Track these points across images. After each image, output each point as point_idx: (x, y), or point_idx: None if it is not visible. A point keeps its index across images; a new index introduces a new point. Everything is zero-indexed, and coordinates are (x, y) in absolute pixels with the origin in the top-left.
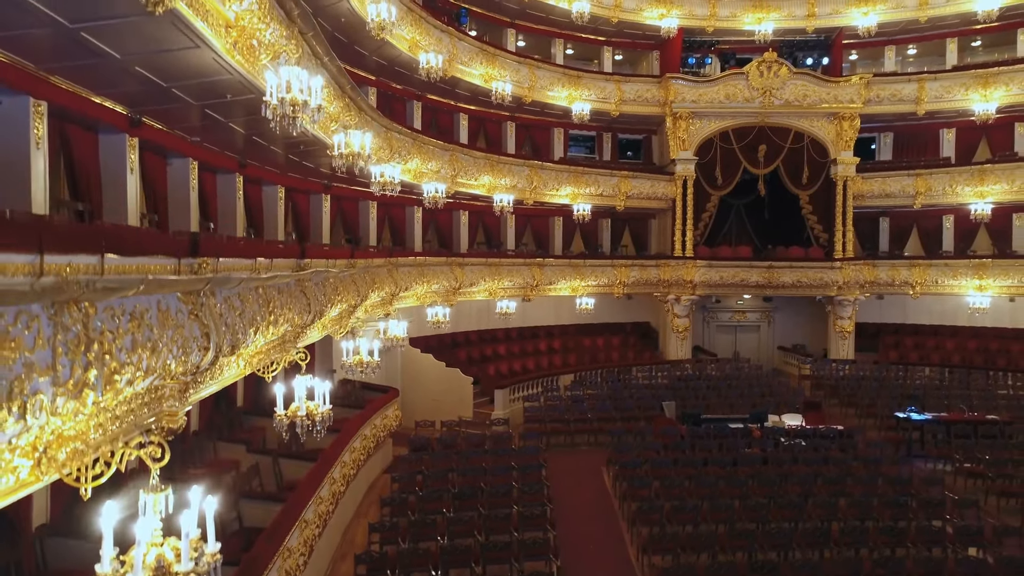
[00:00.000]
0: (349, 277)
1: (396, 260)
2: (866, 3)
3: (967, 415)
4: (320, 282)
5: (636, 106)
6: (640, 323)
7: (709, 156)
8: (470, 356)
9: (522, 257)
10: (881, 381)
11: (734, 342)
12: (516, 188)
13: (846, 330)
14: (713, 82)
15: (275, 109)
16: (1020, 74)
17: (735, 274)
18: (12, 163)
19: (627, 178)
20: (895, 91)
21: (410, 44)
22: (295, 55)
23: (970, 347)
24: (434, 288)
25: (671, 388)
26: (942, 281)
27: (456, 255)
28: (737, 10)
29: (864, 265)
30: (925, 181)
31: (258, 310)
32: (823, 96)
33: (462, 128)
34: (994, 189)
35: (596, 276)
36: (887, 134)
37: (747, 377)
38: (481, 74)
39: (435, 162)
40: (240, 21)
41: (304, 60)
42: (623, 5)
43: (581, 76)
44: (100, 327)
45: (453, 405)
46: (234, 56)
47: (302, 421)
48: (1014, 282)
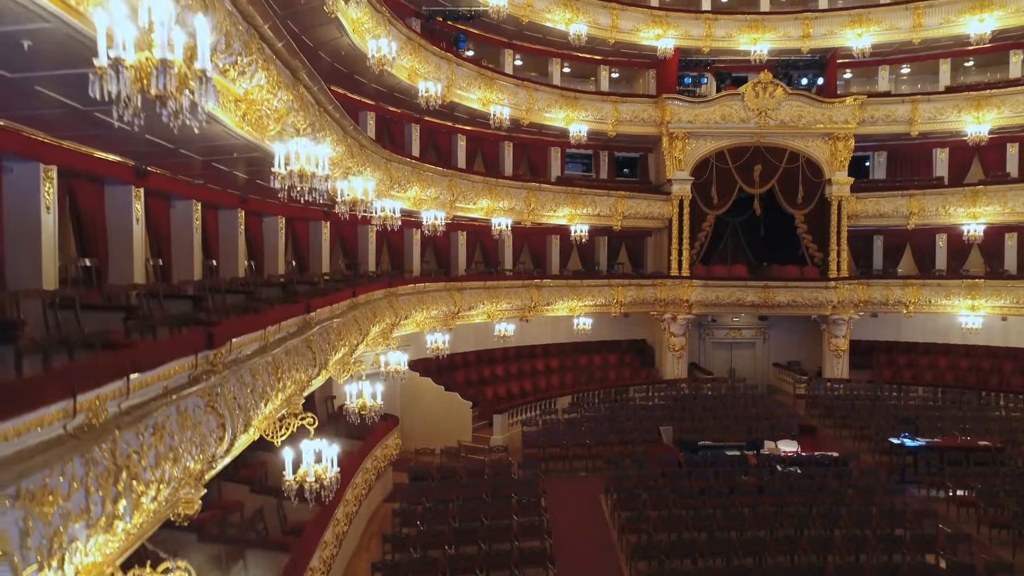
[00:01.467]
0: (352, 318)
1: (396, 290)
2: (860, 24)
3: (960, 441)
4: (324, 331)
5: (633, 126)
6: (636, 340)
7: (705, 176)
8: (468, 378)
9: (520, 279)
10: (875, 401)
11: (729, 358)
12: (514, 211)
13: (840, 348)
14: (709, 102)
15: (283, 179)
16: (1012, 97)
17: (731, 294)
18: (23, 226)
19: (624, 198)
20: (889, 112)
21: (409, 72)
22: (301, 115)
23: (963, 366)
24: (433, 314)
25: (668, 409)
26: (935, 300)
27: (454, 279)
28: (733, 31)
29: (858, 284)
30: (919, 202)
31: (268, 379)
32: (818, 117)
33: (460, 149)
34: (987, 211)
35: (593, 296)
36: (881, 153)
37: (742, 398)
38: (479, 98)
39: (434, 188)
40: (249, 95)
41: (310, 112)
42: (620, 26)
43: (578, 97)
44: (127, 450)
45: (452, 429)
46: (243, 128)
47: (310, 486)
48: (1006, 302)
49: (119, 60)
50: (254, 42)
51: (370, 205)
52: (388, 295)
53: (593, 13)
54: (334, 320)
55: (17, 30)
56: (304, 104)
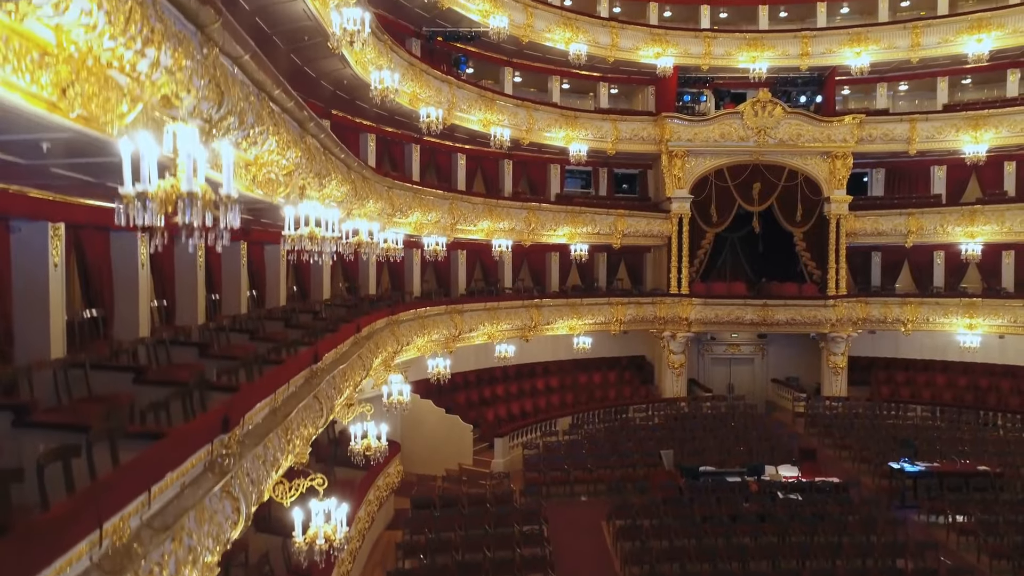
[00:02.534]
0: (356, 355)
1: (397, 317)
2: (859, 43)
3: (959, 465)
4: (331, 378)
5: (632, 144)
6: (636, 357)
7: (704, 194)
8: (469, 399)
9: (520, 299)
10: (874, 420)
11: (728, 374)
12: (514, 231)
13: (839, 366)
14: (708, 121)
15: (293, 240)
16: (1009, 117)
17: (730, 312)
18: (31, 284)
19: (623, 217)
20: (887, 131)
21: (411, 98)
22: (307, 165)
23: (961, 383)
24: (434, 338)
25: (668, 429)
26: (933, 319)
27: (455, 302)
28: (732, 49)
29: (857, 302)
30: (917, 220)
31: (279, 444)
32: (817, 135)
33: (460, 168)
34: (984, 230)
35: (593, 315)
36: (879, 170)
37: (742, 417)
38: (480, 119)
39: (435, 212)
40: (259, 159)
41: (316, 160)
42: (619, 45)
43: (578, 116)
44: (149, 568)
45: (453, 451)
46: (254, 191)
47: (320, 548)
48: (1004, 321)
49: (145, 194)
50: (265, 109)
51: (375, 245)
52: (390, 323)
53: (593, 32)
54: (339, 366)
55: (38, 138)
56: (311, 153)
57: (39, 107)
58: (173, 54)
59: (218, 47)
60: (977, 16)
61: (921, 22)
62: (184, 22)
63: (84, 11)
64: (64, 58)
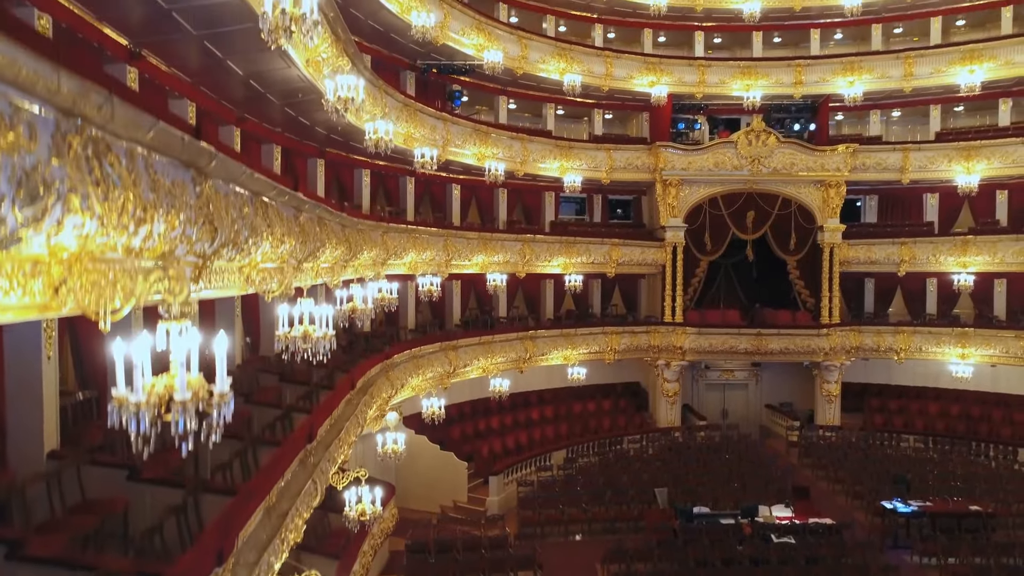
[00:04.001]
0: (350, 415)
1: (392, 361)
2: (852, 72)
3: (951, 505)
4: (327, 452)
5: (626, 173)
6: (630, 383)
7: (698, 222)
8: (464, 432)
9: (514, 330)
10: (867, 451)
11: (722, 399)
12: (509, 263)
13: (832, 393)
14: (702, 150)
15: (285, 338)
16: (1001, 148)
17: (724, 341)
18: (24, 377)
19: (618, 246)
20: (880, 160)
21: (405, 137)
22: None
23: (953, 412)
24: (429, 376)
25: (662, 460)
26: (926, 348)
27: (449, 337)
28: (726, 77)
29: (850, 331)
30: (910, 250)
31: (274, 548)
32: (810, 164)
33: (454, 199)
34: (976, 260)
35: (587, 344)
36: (872, 196)
37: (736, 450)
38: (474, 153)
39: (430, 251)
40: (253, 262)
41: (310, 237)
42: (614, 74)
43: (572, 146)
44: None
45: (448, 488)
46: (247, 289)
47: None
48: (996, 351)
49: (140, 405)
50: (259, 213)
51: (369, 312)
52: (384, 368)
53: (587, 62)
54: (335, 437)
55: None
56: (305, 232)
57: (30, 315)
58: (167, 217)
59: (210, 179)
60: (969, 47)
61: (914, 52)
62: (180, 169)
63: (76, 226)
64: (56, 261)
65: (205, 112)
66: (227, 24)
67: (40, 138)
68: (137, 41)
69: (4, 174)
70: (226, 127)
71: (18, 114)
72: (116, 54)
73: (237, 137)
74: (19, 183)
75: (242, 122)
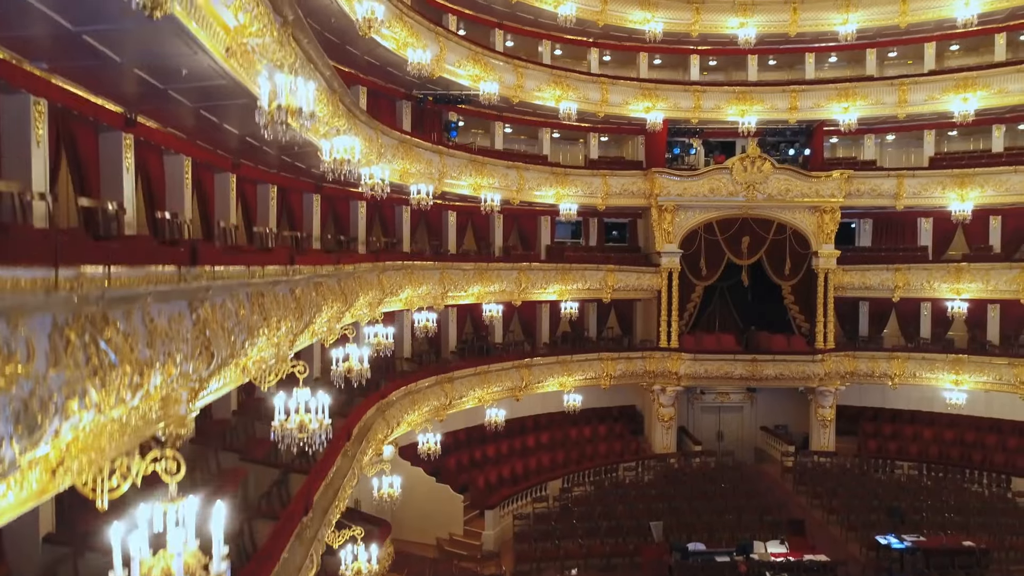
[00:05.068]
0: (349, 470)
1: (388, 400)
2: (847, 98)
3: (945, 539)
4: (324, 510)
5: (622, 199)
6: (626, 407)
7: (694, 247)
8: (459, 462)
9: (510, 358)
10: (861, 479)
11: (718, 421)
12: (505, 293)
13: (827, 419)
14: (698, 176)
15: (281, 427)
16: (995, 177)
17: (720, 367)
18: None
19: (613, 271)
20: (874, 186)
21: (402, 173)
22: (299, 322)
23: (947, 437)
24: (424, 411)
25: (658, 487)
26: (920, 374)
27: (445, 369)
28: (721, 102)
29: (844, 357)
30: (904, 276)
31: None
32: (805, 190)
33: (451, 226)
34: (970, 287)
35: (583, 371)
36: (867, 220)
37: (731, 477)
38: (470, 184)
39: (426, 286)
40: (249, 356)
41: (306, 309)
42: (609, 100)
43: (568, 173)
44: None
45: (444, 520)
46: (243, 379)
47: None
48: (989, 378)
49: None
50: (255, 310)
51: (365, 372)
52: (380, 409)
53: (583, 89)
54: (330, 503)
55: None
56: (301, 307)
57: (28, 506)
58: (164, 368)
59: (207, 301)
60: (963, 75)
61: (908, 79)
62: (177, 303)
63: (74, 425)
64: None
65: (200, 163)
66: (224, 99)
67: (37, 349)
68: (133, 110)
69: (3, 415)
70: (221, 174)
71: (15, 335)
72: (112, 123)
73: (232, 182)
74: (17, 418)
75: (237, 168)
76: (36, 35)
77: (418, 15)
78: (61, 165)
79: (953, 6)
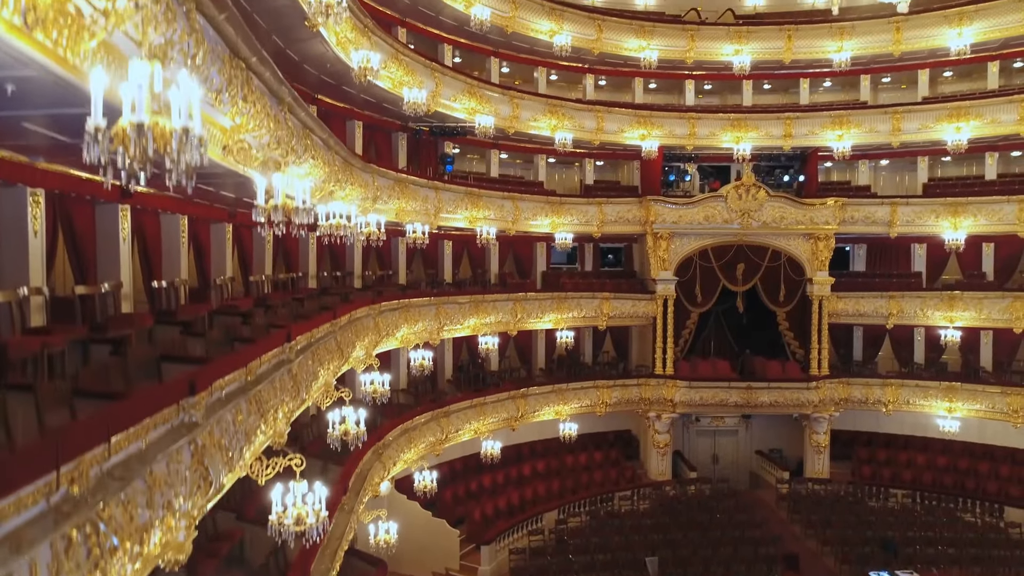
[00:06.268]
0: (346, 524)
1: (384, 442)
2: (841, 126)
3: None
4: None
5: (617, 226)
6: (622, 431)
7: (689, 274)
8: (455, 494)
9: (506, 389)
10: (855, 507)
11: (713, 445)
12: (501, 323)
13: (821, 444)
14: (693, 204)
15: (278, 519)
16: (988, 206)
17: (715, 395)
18: None
19: (609, 299)
20: (868, 213)
21: (398, 211)
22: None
23: (940, 464)
24: (421, 447)
25: (653, 517)
26: (913, 400)
27: (441, 404)
28: (716, 129)
29: (839, 384)
30: (898, 303)
31: None
32: (799, 217)
33: (446, 256)
34: (963, 316)
35: (579, 399)
36: (861, 245)
37: (726, 507)
38: (466, 217)
39: (422, 323)
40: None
41: (303, 382)
42: (605, 128)
43: (564, 202)
44: None
45: (440, 555)
46: None
47: None
48: (982, 407)
49: None
50: (254, 410)
51: (361, 434)
52: (376, 452)
53: (579, 118)
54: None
55: None
56: (298, 381)
57: None
58: (162, 525)
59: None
60: (956, 105)
61: (902, 107)
62: (179, 442)
63: None
64: None
65: (197, 219)
66: (222, 179)
67: (40, 564)
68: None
69: None
70: (218, 224)
71: (16, 559)
72: (108, 198)
73: (229, 232)
74: None
75: (234, 218)
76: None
77: (414, 53)
78: (58, 245)
79: (946, 36)
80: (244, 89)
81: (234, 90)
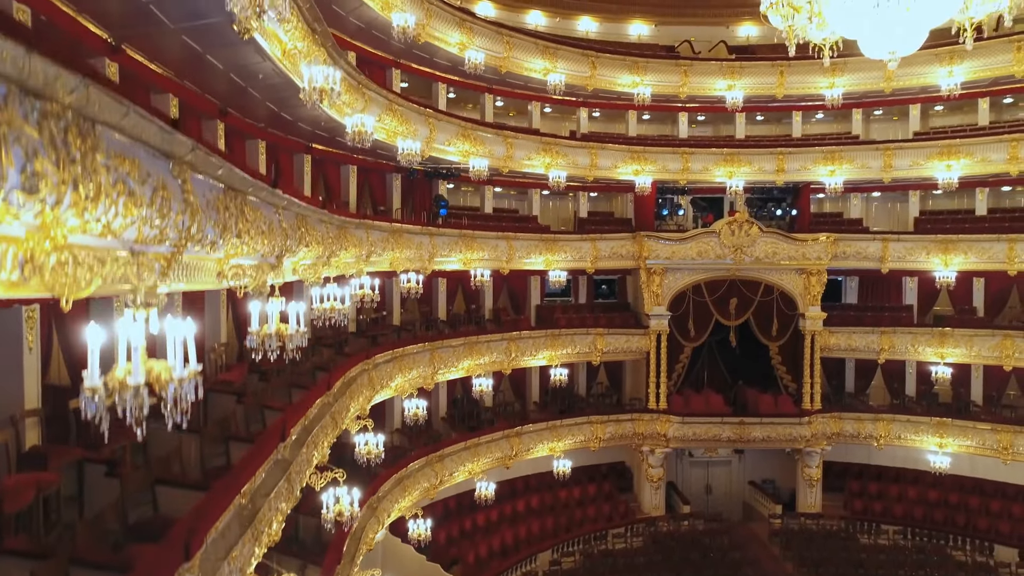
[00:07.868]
0: None
1: (378, 495)
2: (833, 161)
3: None
4: None
5: (611, 261)
6: (615, 463)
7: (682, 309)
8: (449, 535)
9: (500, 428)
10: (847, 544)
11: (706, 475)
12: (495, 363)
13: (813, 478)
14: (686, 240)
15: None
16: (978, 244)
17: (708, 430)
18: None
19: (602, 335)
20: (860, 249)
21: (391, 261)
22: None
23: (931, 498)
24: (416, 494)
25: (646, 556)
26: (905, 435)
27: (435, 448)
28: (709, 164)
29: (831, 418)
30: (889, 339)
31: None
32: (792, 253)
33: (441, 294)
34: (954, 352)
35: (573, 435)
36: (853, 278)
37: (720, 544)
38: (460, 259)
39: (416, 369)
40: None
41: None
42: (598, 164)
43: (557, 239)
44: None
45: None
46: None
47: None
48: (972, 443)
49: None
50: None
51: (356, 513)
52: (370, 507)
53: (572, 155)
54: None
55: None
56: (290, 480)
57: None
58: None
59: None
60: (947, 143)
61: (893, 144)
62: None
63: None
64: None
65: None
66: None
67: None
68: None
69: None
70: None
71: None
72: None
73: (223, 297)
74: None
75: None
76: None
77: (407, 102)
78: (53, 349)
79: (937, 74)
80: (239, 225)
81: (228, 234)
